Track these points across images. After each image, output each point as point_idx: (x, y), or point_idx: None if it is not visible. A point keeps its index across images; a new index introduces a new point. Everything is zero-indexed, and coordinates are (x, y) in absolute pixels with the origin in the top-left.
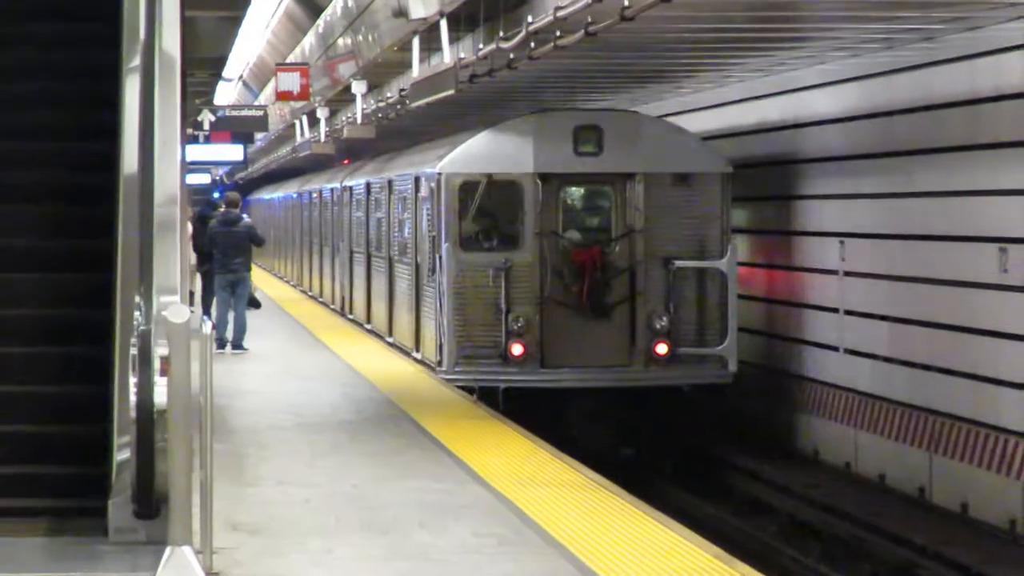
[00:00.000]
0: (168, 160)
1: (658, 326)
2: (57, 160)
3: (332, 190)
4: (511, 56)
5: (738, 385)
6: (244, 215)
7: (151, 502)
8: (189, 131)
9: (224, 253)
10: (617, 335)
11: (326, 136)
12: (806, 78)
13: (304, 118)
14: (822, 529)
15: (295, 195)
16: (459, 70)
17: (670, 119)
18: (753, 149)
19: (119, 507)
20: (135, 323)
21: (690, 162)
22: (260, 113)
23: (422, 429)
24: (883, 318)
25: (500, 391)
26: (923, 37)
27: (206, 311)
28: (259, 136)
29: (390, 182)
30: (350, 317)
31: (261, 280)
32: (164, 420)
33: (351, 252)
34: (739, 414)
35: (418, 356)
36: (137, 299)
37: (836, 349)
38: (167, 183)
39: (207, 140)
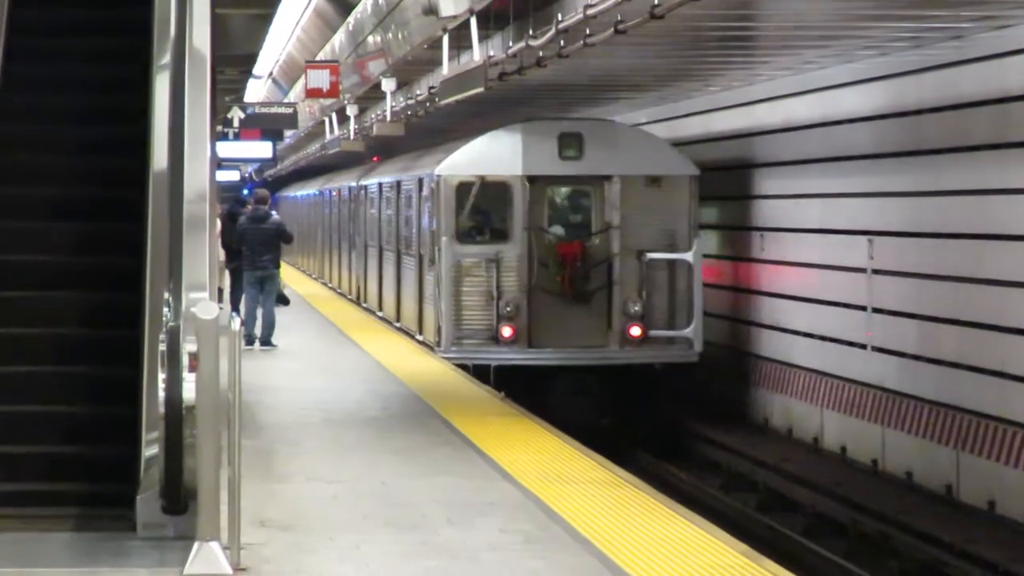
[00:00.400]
0: (198, 157)
1: (632, 311)
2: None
3: (349, 189)
4: (540, 54)
5: (768, 378)
6: (273, 212)
7: (179, 498)
8: (219, 128)
9: (253, 250)
10: (596, 319)
11: (355, 133)
12: (834, 77)
13: (334, 115)
14: (848, 525)
15: (316, 193)
16: (488, 68)
17: (698, 117)
18: (780, 147)
19: (147, 502)
20: (164, 319)
21: (661, 166)
22: (290, 110)
23: (449, 425)
24: (911, 316)
25: (492, 369)
26: (952, 36)
27: (235, 308)
28: (288, 133)
29: (398, 183)
30: (364, 306)
31: (286, 275)
32: (192, 416)
33: (365, 246)
34: (763, 405)
35: (421, 338)
36: (166, 295)
37: (864, 347)
38: (197, 180)
39: (236, 137)
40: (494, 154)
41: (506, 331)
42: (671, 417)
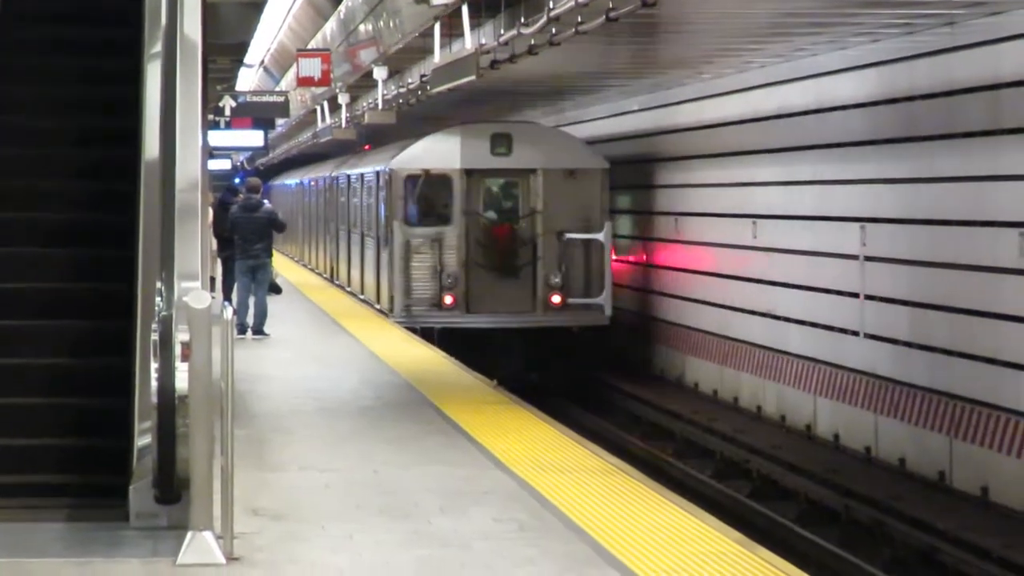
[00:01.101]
0: (190, 146)
1: (553, 282)
2: None
3: (324, 180)
4: (532, 42)
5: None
6: (265, 201)
7: (172, 487)
8: (210, 117)
9: (245, 239)
10: (523, 289)
11: (347, 122)
12: (827, 64)
13: (325, 104)
14: (841, 512)
15: (298, 183)
16: (480, 56)
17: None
18: (775, 134)
19: (140, 492)
20: (156, 309)
21: (577, 160)
22: (281, 99)
23: (442, 414)
24: (904, 303)
25: (436, 331)
26: (944, 22)
27: (227, 297)
28: (280, 122)
29: (361, 175)
30: (336, 283)
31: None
32: (185, 405)
33: (337, 230)
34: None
35: (378, 307)
36: (158, 285)
37: (856, 334)
38: (188, 169)
39: (228, 126)
40: (437, 151)
41: (448, 299)
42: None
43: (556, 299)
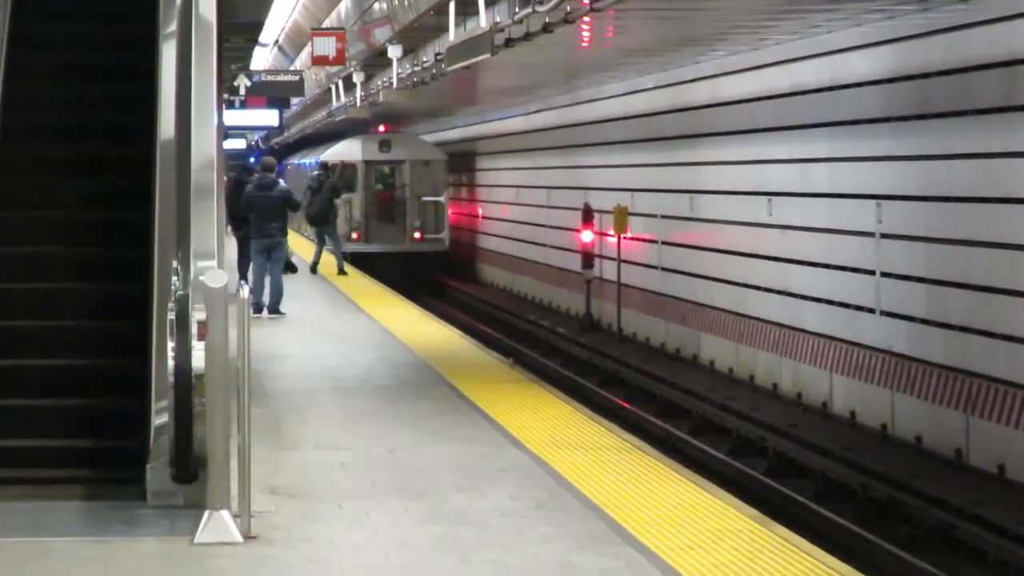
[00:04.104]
0: (205, 125)
1: (416, 225)
2: None
3: (295, 163)
4: (547, 20)
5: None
6: (280, 180)
7: (189, 466)
8: (225, 96)
9: (260, 218)
10: (399, 229)
11: (362, 101)
12: (841, 41)
13: (340, 83)
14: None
15: (286, 164)
16: (495, 34)
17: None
18: (790, 112)
19: (157, 471)
20: (172, 288)
21: (429, 155)
22: (296, 78)
23: (458, 392)
24: (920, 280)
25: (348, 254)
26: None
27: (242, 276)
28: (294, 101)
29: (311, 163)
30: (300, 233)
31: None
32: (202, 384)
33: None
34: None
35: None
36: (175, 264)
37: (873, 311)
38: (204, 148)
39: (243, 105)
40: (349, 150)
41: (355, 235)
42: None
43: (417, 235)
